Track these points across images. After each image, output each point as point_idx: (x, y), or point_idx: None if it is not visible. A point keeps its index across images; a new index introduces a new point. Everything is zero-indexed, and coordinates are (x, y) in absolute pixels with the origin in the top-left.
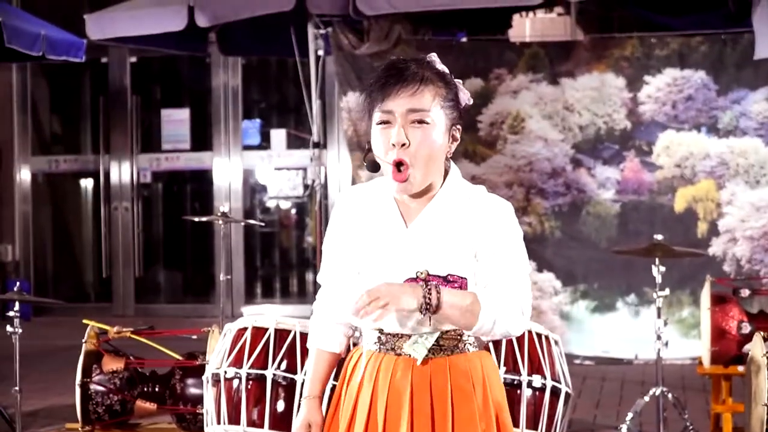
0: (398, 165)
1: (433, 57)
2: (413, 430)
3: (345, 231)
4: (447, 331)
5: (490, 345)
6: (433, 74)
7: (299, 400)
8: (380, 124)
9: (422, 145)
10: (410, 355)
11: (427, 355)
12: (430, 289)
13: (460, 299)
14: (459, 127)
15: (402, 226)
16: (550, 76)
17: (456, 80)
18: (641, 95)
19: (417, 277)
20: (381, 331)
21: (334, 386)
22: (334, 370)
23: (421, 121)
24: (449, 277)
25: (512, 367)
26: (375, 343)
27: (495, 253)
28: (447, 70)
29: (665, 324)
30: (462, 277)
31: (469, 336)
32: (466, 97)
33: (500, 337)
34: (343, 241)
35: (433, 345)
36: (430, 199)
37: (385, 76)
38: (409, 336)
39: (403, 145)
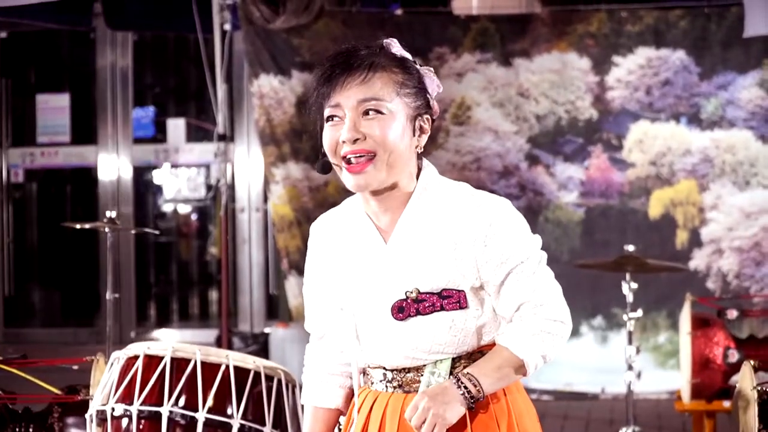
0: (355, 157)
1: (391, 41)
2: None
3: (323, 267)
4: (459, 358)
5: None
6: (388, 60)
7: None
8: (329, 120)
9: (379, 137)
10: None
11: None
12: (469, 389)
13: (498, 371)
14: (428, 117)
15: (381, 243)
16: (502, 57)
17: (425, 67)
18: (610, 79)
19: (407, 297)
20: (385, 367)
21: None
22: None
23: (375, 111)
24: (444, 293)
25: None
26: (381, 381)
27: (498, 261)
28: (408, 56)
29: (638, 352)
30: (459, 291)
31: None
32: (434, 84)
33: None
34: (323, 279)
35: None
36: (405, 205)
37: (329, 66)
38: (417, 369)
39: (356, 140)
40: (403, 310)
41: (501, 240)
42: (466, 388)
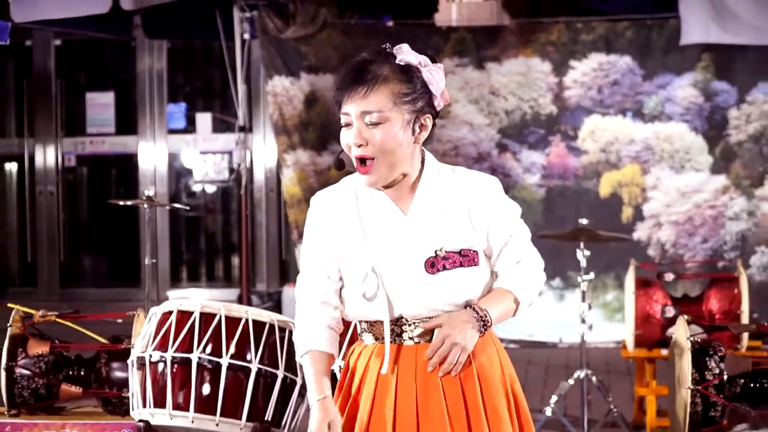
0: (360, 161)
1: (402, 48)
2: (449, 411)
3: (326, 234)
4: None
5: None
6: (392, 71)
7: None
8: (344, 126)
9: (377, 141)
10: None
11: None
12: (481, 315)
13: (503, 305)
14: (428, 115)
15: (401, 215)
16: (477, 61)
17: (435, 65)
18: (567, 80)
19: (436, 255)
20: (402, 319)
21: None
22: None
23: (373, 123)
24: (463, 252)
25: None
26: (398, 335)
27: (501, 226)
28: (414, 61)
29: (590, 308)
30: (474, 251)
31: None
32: (436, 82)
33: None
34: (325, 244)
35: None
36: (416, 187)
37: (343, 77)
38: (415, 324)
39: (360, 145)
40: (434, 265)
41: (504, 211)
42: (479, 314)
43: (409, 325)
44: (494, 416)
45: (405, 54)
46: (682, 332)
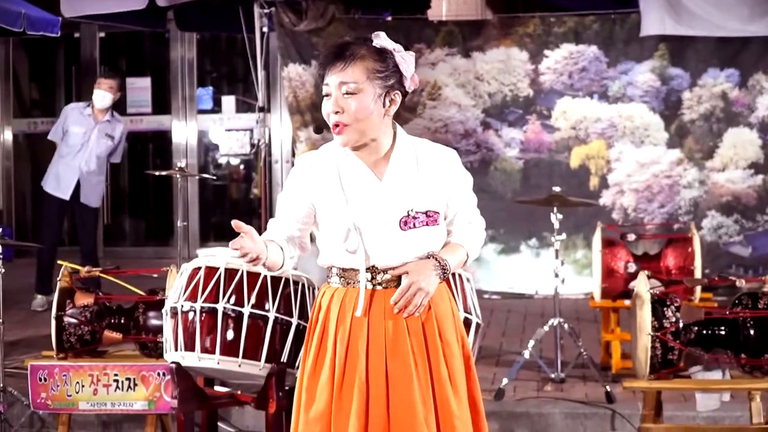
0: (335, 126)
1: (380, 35)
2: (412, 346)
3: (305, 187)
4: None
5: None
6: (368, 51)
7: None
8: (324, 96)
9: (351, 110)
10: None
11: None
12: (442, 264)
13: (458, 256)
14: (398, 92)
15: (376, 180)
16: (464, 51)
17: (408, 52)
18: (542, 67)
19: (408, 214)
20: (371, 268)
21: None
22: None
23: (350, 92)
24: (428, 213)
25: None
26: (367, 281)
27: (459, 193)
28: (389, 46)
29: (562, 264)
30: (436, 212)
31: None
32: (409, 66)
33: None
34: (302, 195)
35: None
36: (389, 156)
37: (325, 55)
38: (384, 271)
39: (336, 112)
40: (407, 223)
41: (461, 181)
42: (440, 263)
43: (380, 273)
44: (449, 351)
45: (381, 39)
46: (642, 285)
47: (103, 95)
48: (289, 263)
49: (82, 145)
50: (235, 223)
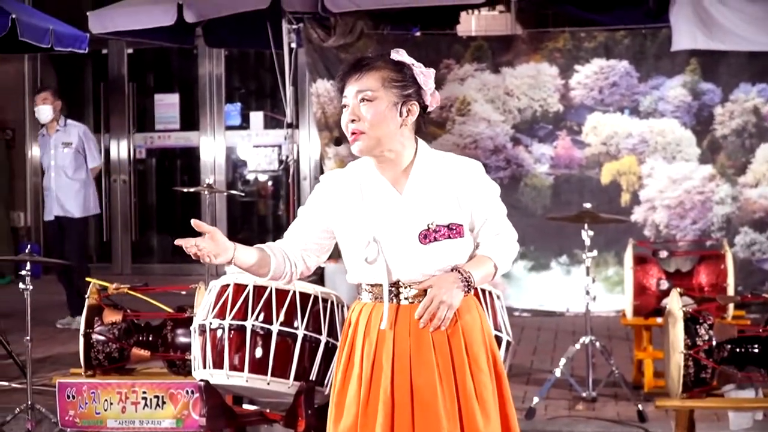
0: (352, 134)
1: (399, 51)
2: (437, 361)
3: (323, 207)
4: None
5: None
6: (384, 62)
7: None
8: (342, 107)
9: (367, 117)
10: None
11: None
12: (465, 277)
13: (484, 269)
14: (416, 103)
15: (396, 194)
16: (493, 66)
17: (426, 69)
18: (572, 82)
19: (428, 228)
20: (396, 283)
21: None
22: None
23: (365, 99)
24: (451, 225)
25: None
26: (389, 295)
27: (483, 203)
28: (408, 61)
29: (593, 281)
30: (460, 224)
31: None
32: (425, 79)
33: None
34: (318, 215)
35: None
36: (409, 170)
37: (343, 68)
38: (410, 286)
39: (353, 120)
40: (426, 237)
41: (486, 192)
42: (463, 276)
43: (405, 288)
44: (476, 366)
45: (399, 54)
46: (675, 303)
47: (40, 110)
48: (279, 272)
49: (48, 164)
50: (195, 222)
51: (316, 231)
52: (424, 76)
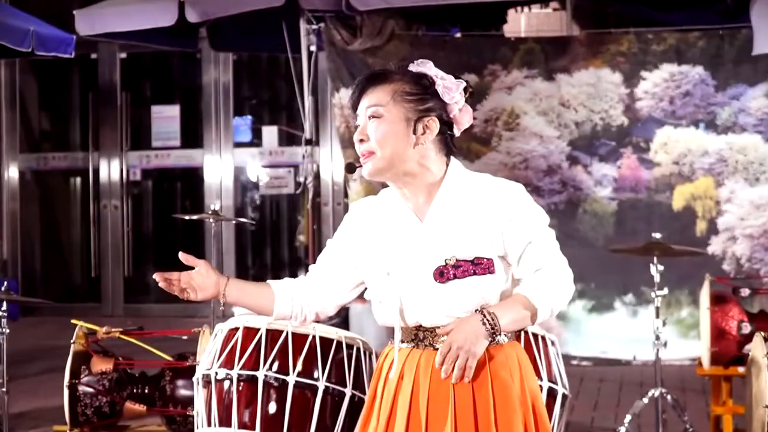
0: (362, 156)
1: (425, 62)
2: (456, 421)
3: (354, 235)
4: None
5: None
6: (400, 74)
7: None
8: (355, 128)
9: (374, 135)
10: None
11: None
12: (489, 320)
13: (517, 311)
14: (434, 118)
15: (417, 222)
16: (546, 72)
17: (455, 81)
18: (638, 91)
19: (446, 264)
20: (419, 327)
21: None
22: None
23: (374, 116)
24: (476, 260)
25: None
26: (412, 341)
27: (520, 231)
28: (431, 72)
29: (664, 324)
30: (488, 258)
31: None
32: (451, 94)
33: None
34: (348, 242)
35: None
36: (431, 191)
37: (356, 85)
38: (432, 330)
39: (361, 140)
40: (443, 274)
41: (522, 216)
42: (486, 318)
43: (428, 332)
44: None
45: (421, 66)
46: (759, 349)
47: None
48: (283, 313)
49: None
50: (183, 256)
51: (343, 266)
52: (450, 90)
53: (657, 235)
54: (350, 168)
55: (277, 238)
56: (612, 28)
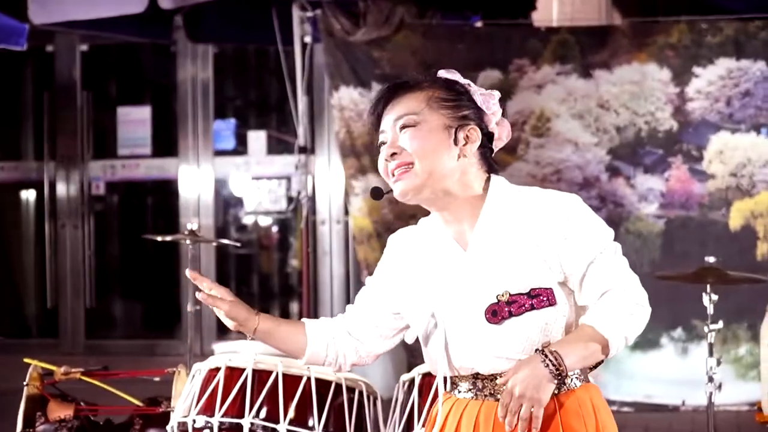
0: (393, 174)
1: (452, 71)
2: None
3: (392, 272)
4: None
5: None
6: (432, 80)
7: None
8: (379, 146)
9: (412, 147)
10: None
11: None
12: (552, 359)
13: (584, 345)
14: (476, 127)
15: (460, 252)
16: (582, 68)
17: (487, 92)
18: (690, 90)
19: (498, 301)
20: (476, 375)
21: None
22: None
23: (407, 126)
24: (533, 292)
25: None
26: (470, 390)
27: (578, 250)
28: (462, 80)
29: (718, 363)
30: (547, 288)
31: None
32: (487, 105)
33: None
34: (387, 282)
35: None
36: (475, 214)
37: (376, 98)
38: (491, 378)
39: (393, 154)
40: (496, 313)
41: (579, 232)
42: (548, 359)
43: (487, 380)
44: None
45: (449, 73)
46: None
47: None
48: (316, 358)
49: None
50: (191, 273)
51: (383, 311)
52: (486, 99)
53: (711, 259)
54: (376, 193)
55: (266, 263)
56: (659, 15)
